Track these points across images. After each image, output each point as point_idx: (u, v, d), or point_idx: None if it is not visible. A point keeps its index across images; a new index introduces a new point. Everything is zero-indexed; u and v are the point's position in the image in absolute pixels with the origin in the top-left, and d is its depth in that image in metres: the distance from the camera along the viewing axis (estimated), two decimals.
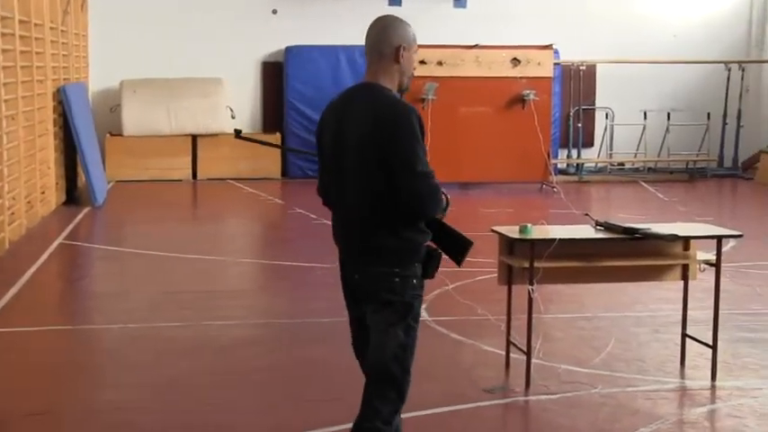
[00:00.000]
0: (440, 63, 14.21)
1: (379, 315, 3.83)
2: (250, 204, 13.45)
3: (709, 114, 16.36)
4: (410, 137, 3.68)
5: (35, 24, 11.25)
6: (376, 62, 3.83)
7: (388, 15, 3.99)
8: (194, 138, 15.34)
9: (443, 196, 3.85)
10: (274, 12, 15.95)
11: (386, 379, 3.82)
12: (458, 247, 3.99)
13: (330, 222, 4.06)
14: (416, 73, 14.21)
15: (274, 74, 16.02)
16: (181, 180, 15.18)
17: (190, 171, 15.36)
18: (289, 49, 15.62)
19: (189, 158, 15.36)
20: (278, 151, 15.60)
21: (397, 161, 3.68)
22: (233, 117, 15.56)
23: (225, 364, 6.20)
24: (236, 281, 8.90)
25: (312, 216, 11.80)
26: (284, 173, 15.77)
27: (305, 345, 6.64)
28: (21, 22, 10.57)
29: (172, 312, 7.45)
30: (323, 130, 3.95)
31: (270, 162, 15.56)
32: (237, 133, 6.17)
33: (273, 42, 15.85)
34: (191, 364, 6.19)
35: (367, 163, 3.73)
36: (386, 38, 3.81)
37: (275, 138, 15.68)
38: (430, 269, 3.91)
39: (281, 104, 15.91)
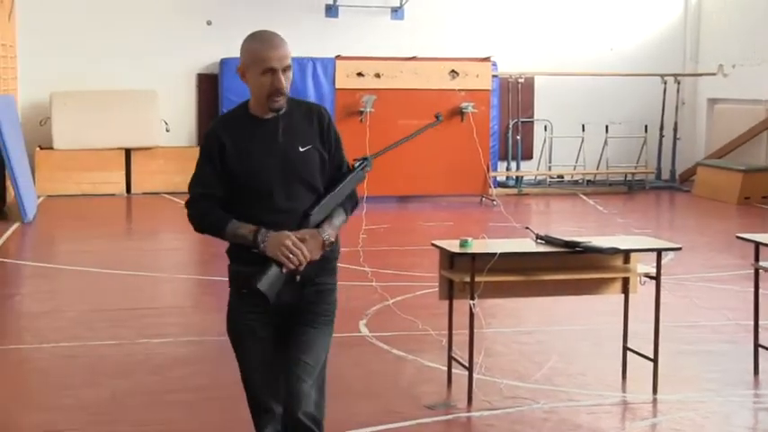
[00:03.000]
0: (377, 75, 14.14)
1: None
2: (185, 219, 13.13)
3: (646, 127, 16.53)
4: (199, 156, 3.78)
5: None
6: None
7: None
8: (128, 151, 15.06)
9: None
10: (209, 23, 15.75)
11: None
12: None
13: None
14: (355, 85, 14.33)
15: (209, 86, 15.80)
16: (114, 194, 14.88)
17: (124, 185, 15.07)
18: (224, 61, 15.41)
19: (123, 172, 15.07)
20: None
21: None
22: (168, 130, 15.32)
23: (160, 384, 6.03)
24: (170, 297, 8.70)
25: None
26: None
27: None
28: None
29: (105, 330, 7.24)
30: None
31: None
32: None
33: (208, 54, 15.63)
34: (125, 383, 6.01)
35: None
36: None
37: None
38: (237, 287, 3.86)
39: (217, 117, 15.67)
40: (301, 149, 3.64)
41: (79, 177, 14.77)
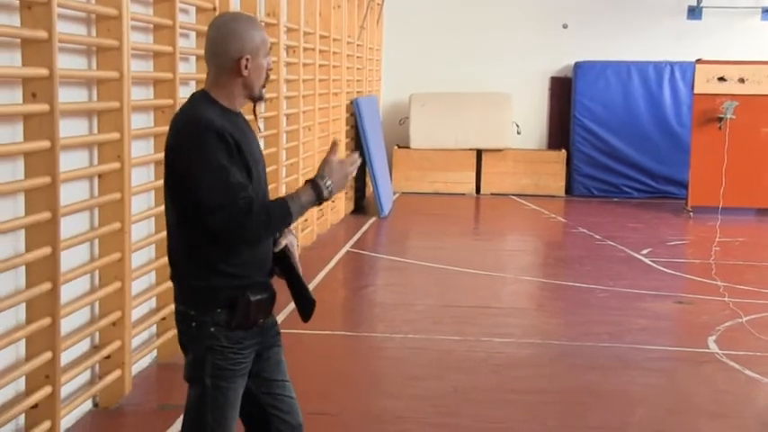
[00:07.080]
0: (741, 80, 13.40)
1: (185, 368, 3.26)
2: (532, 221, 13.32)
3: None
4: (195, 161, 3.02)
5: (333, 39, 11.74)
6: (212, 73, 3.17)
7: (225, 15, 3.43)
8: (479, 152, 15.43)
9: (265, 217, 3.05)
10: (565, 26, 15.75)
11: None
12: (303, 301, 3.30)
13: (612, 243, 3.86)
14: (716, 91, 13.60)
15: (562, 90, 15.82)
16: (464, 194, 15.31)
17: (473, 185, 15.46)
18: (578, 65, 15.37)
19: (473, 173, 15.46)
20: (563, 168, 15.38)
21: (192, 191, 3.03)
22: (518, 133, 15.51)
23: (500, 382, 6.12)
24: (514, 298, 8.81)
25: (596, 237, 11.49)
26: (568, 191, 15.52)
27: (583, 369, 6.42)
28: (321, 37, 11.06)
29: (450, 326, 7.47)
30: None
31: (553, 179, 15.38)
32: None
33: (563, 57, 15.66)
34: (467, 378, 6.16)
35: (167, 184, 3.17)
36: (223, 48, 3.12)
37: (560, 155, 15.46)
38: (236, 319, 3.14)
39: (568, 121, 15.67)
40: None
41: (432, 176, 15.34)
